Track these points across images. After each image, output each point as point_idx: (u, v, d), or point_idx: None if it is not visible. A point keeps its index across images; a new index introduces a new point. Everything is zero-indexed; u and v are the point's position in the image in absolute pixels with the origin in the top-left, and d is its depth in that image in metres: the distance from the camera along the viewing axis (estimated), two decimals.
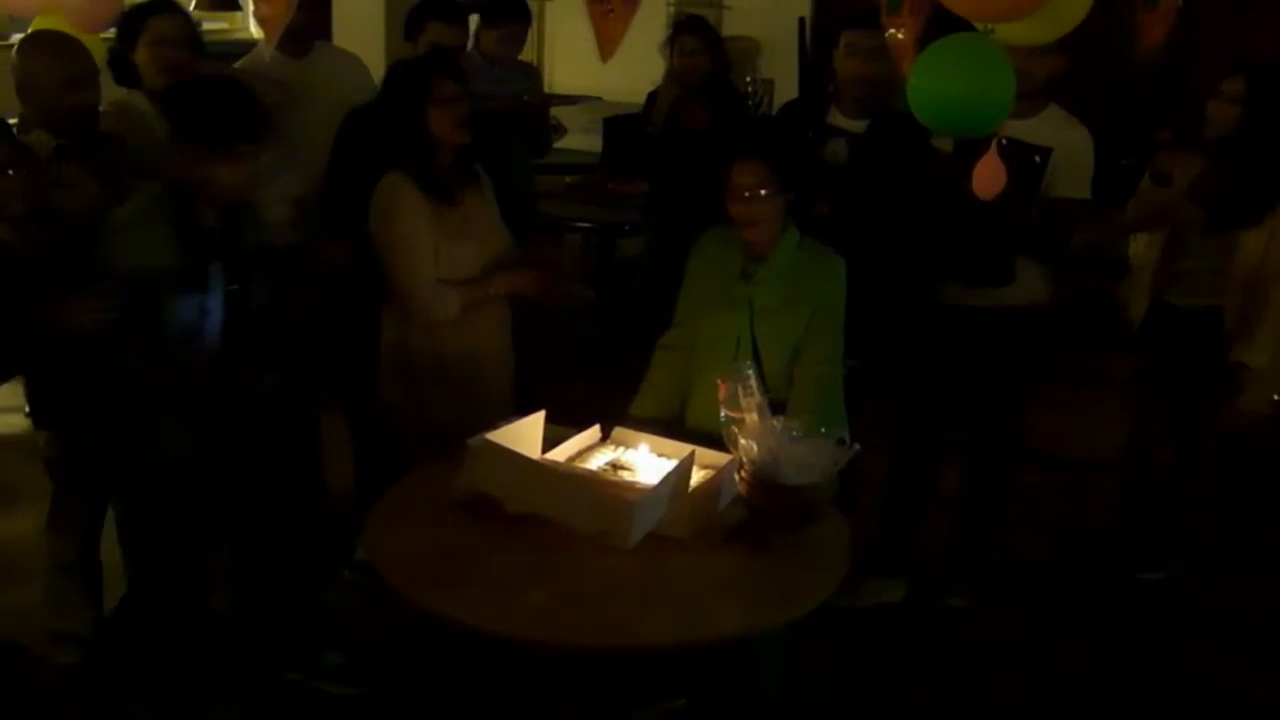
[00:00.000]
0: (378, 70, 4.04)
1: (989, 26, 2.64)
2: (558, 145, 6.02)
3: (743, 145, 3.02)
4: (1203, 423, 3.95)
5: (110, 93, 3.41)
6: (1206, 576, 4.00)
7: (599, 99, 7.21)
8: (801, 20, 7.14)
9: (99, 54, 3.37)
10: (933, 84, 2.64)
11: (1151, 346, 3.96)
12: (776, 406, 2.75)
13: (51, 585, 3.29)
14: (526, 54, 8.12)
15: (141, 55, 3.43)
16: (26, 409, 3.30)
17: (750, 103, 5.01)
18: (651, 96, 4.69)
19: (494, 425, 2.74)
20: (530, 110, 4.60)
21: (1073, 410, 5.22)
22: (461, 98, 3.20)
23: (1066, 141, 3.42)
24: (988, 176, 2.66)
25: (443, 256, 3.20)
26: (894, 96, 3.24)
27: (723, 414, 2.69)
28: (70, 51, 3.10)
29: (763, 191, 2.93)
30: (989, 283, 3.50)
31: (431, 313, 3.21)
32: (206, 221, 2.87)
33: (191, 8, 3.95)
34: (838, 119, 3.66)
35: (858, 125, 3.63)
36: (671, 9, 7.23)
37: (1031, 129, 3.31)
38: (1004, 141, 2.71)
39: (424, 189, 3.17)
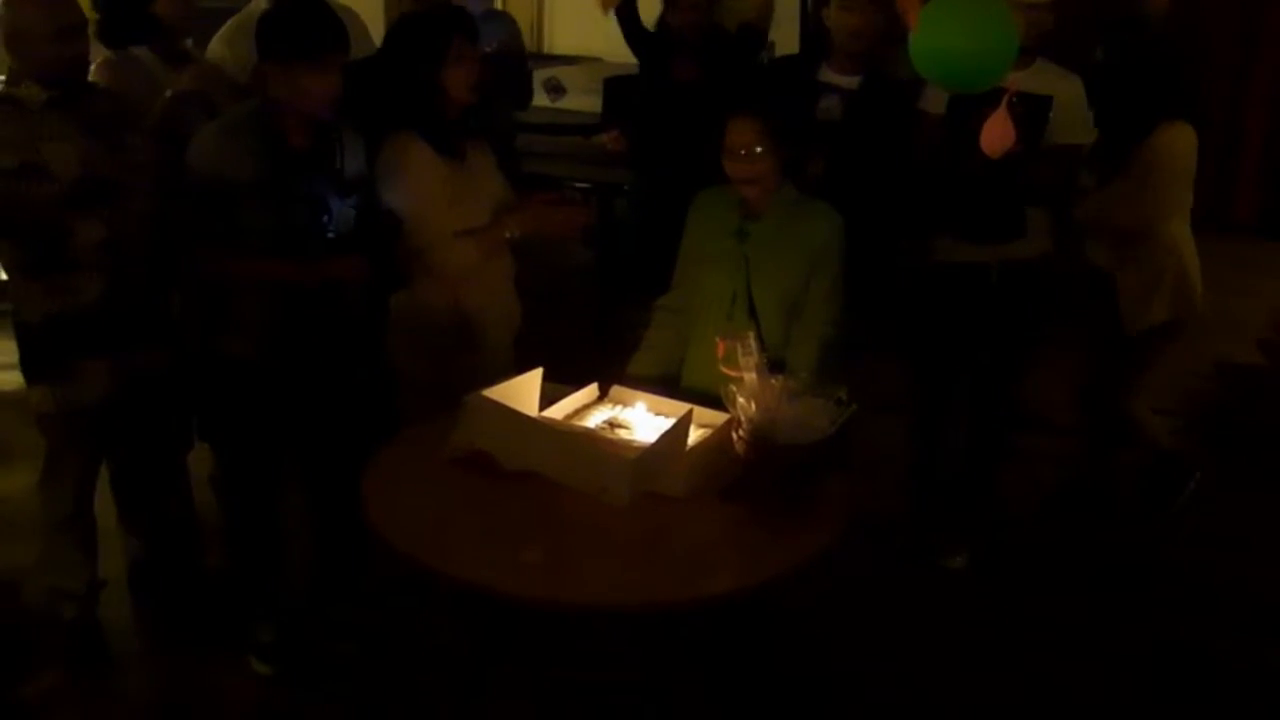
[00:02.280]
0: (375, 27, 4.00)
1: None
2: (558, 105, 5.99)
3: (738, 103, 2.99)
4: (1114, 388, 4.11)
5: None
6: (1205, 547, 4.00)
7: (598, 60, 7.15)
8: None
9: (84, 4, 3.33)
10: (935, 39, 2.61)
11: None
12: (774, 366, 2.73)
13: (49, 542, 3.29)
14: (527, 14, 8.14)
15: (164, 4, 3.47)
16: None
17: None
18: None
19: (493, 381, 2.73)
20: (508, 62, 4.53)
21: (1062, 375, 5.21)
22: (476, 58, 3.17)
23: (1063, 91, 3.48)
24: (997, 134, 2.64)
25: (455, 211, 3.16)
26: (896, 54, 3.22)
27: (721, 371, 2.68)
28: (59, 1, 3.06)
29: (758, 149, 2.91)
30: (1001, 238, 3.53)
31: (451, 264, 3.16)
32: (296, 142, 2.98)
33: None
34: (830, 76, 3.64)
35: (851, 81, 3.61)
36: None
37: (1024, 81, 3.28)
38: (1014, 99, 2.69)
39: (434, 146, 3.13)
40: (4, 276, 3.16)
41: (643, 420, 2.81)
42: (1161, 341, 4.02)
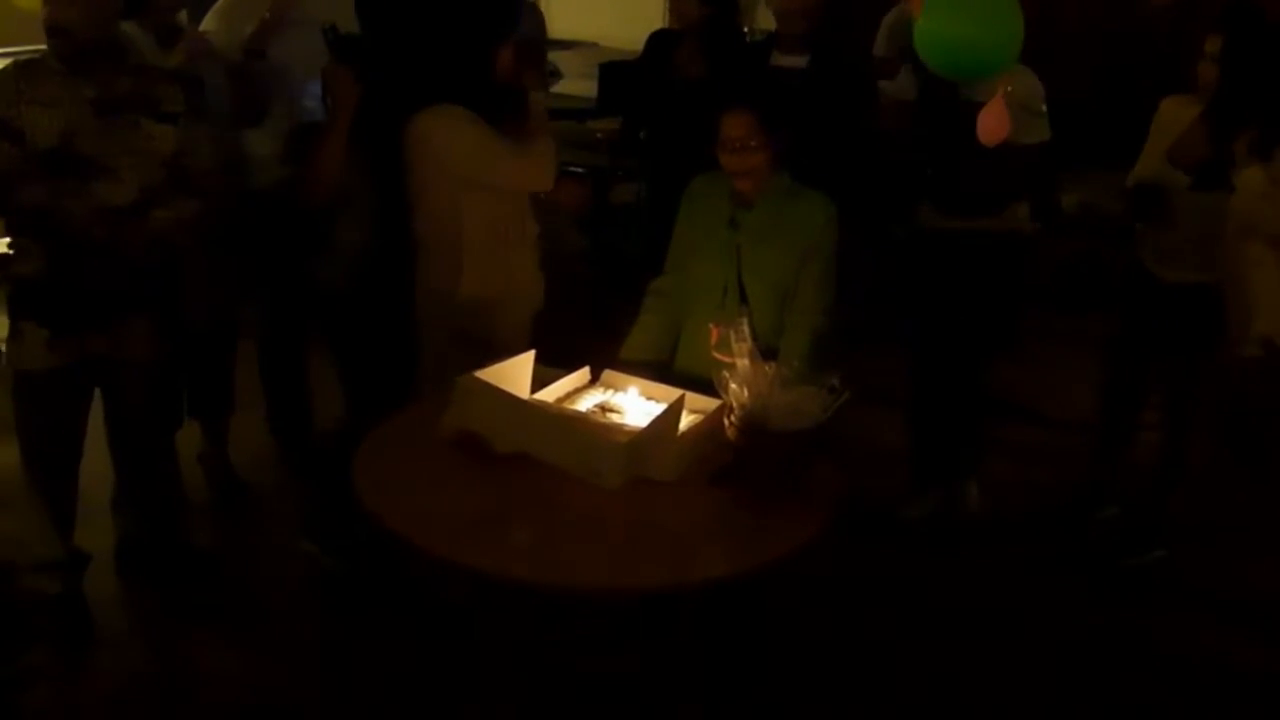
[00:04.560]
0: None
1: None
2: (554, 90, 5.96)
3: (731, 97, 2.99)
4: (1192, 403, 3.77)
5: None
6: (1204, 545, 3.99)
7: (595, 44, 7.14)
8: None
9: None
10: (941, 26, 2.61)
11: (1131, 316, 3.87)
12: (766, 354, 2.73)
13: (28, 512, 3.27)
14: None
15: None
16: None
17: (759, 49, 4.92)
18: (655, 38, 4.59)
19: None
20: (530, 46, 4.52)
21: (1059, 369, 5.22)
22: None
23: (1022, 85, 3.45)
24: (993, 123, 2.64)
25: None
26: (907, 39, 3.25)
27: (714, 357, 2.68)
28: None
29: (752, 143, 2.93)
30: (982, 213, 3.61)
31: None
32: None
33: None
34: (779, 59, 3.72)
35: (800, 61, 3.66)
36: None
37: None
38: (1009, 89, 2.69)
39: (485, 117, 3.10)
40: None
41: (634, 405, 2.81)
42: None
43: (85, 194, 2.97)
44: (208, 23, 3.94)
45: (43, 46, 3.00)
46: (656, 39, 4.48)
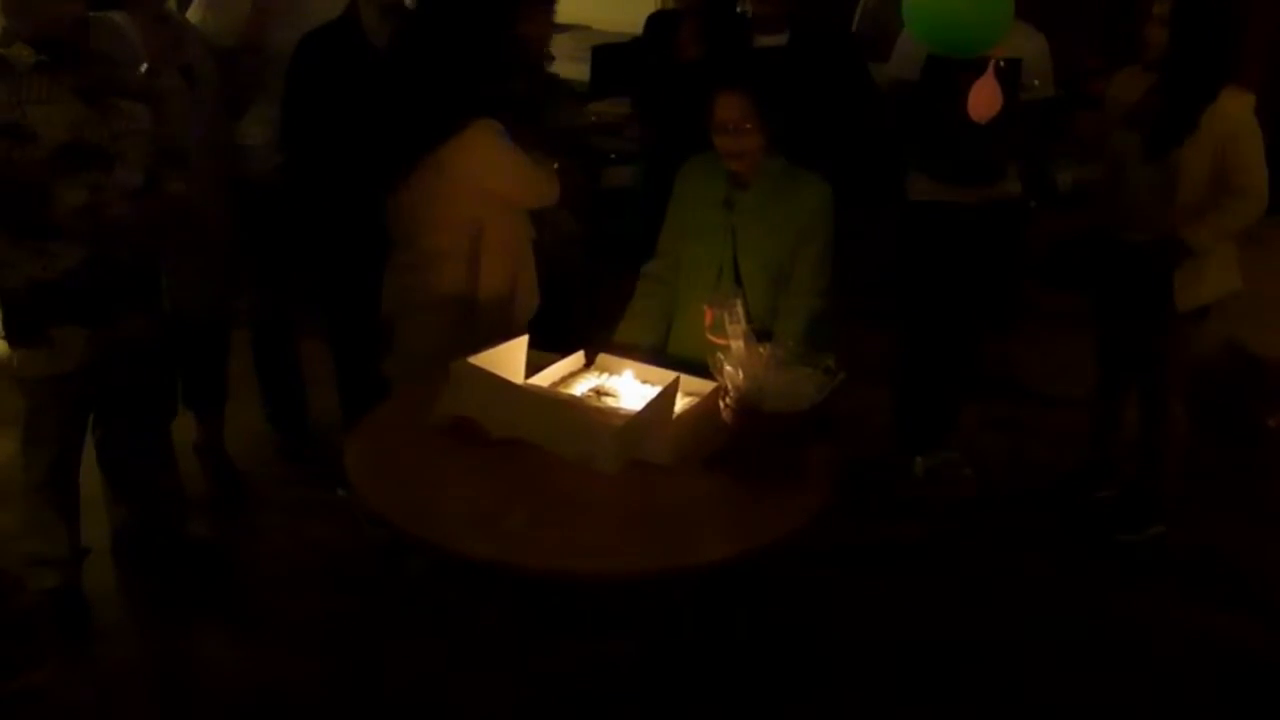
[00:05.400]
0: None
1: None
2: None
3: (725, 78, 2.97)
4: (1163, 362, 3.75)
5: None
6: (1186, 519, 3.96)
7: (587, 27, 7.09)
8: None
9: None
10: (930, 1, 2.59)
11: (1102, 284, 3.85)
12: (761, 336, 2.72)
13: (29, 506, 3.27)
14: None
15: None
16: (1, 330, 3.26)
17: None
18: (654, 19, 4.53)
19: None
20: None
21: (1054, 346, 5.21)
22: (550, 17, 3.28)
23: (1033, 49, 3.57)
24: (985, 99, 2.63)
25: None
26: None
27: (709, 339, 2.67)
28: None
29: (747, 125, 2.91)
30: (982, 181, 3.66)
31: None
32: None
33: None
34: (761, 40, 3.72)
35: (780, 39, 3.67)
36: None
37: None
38: (1001, 64, 2.68)
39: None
40: None
41: (629, 388, 2.80)
42: (1201, 321, 3.70)
43: (112, 182, 3.00)
44: (193, 11, 3.92)
45: None
46: (656, 20, 4.45)
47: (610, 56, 5.69)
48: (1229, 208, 3.45)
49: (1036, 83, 3.53)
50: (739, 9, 4.44)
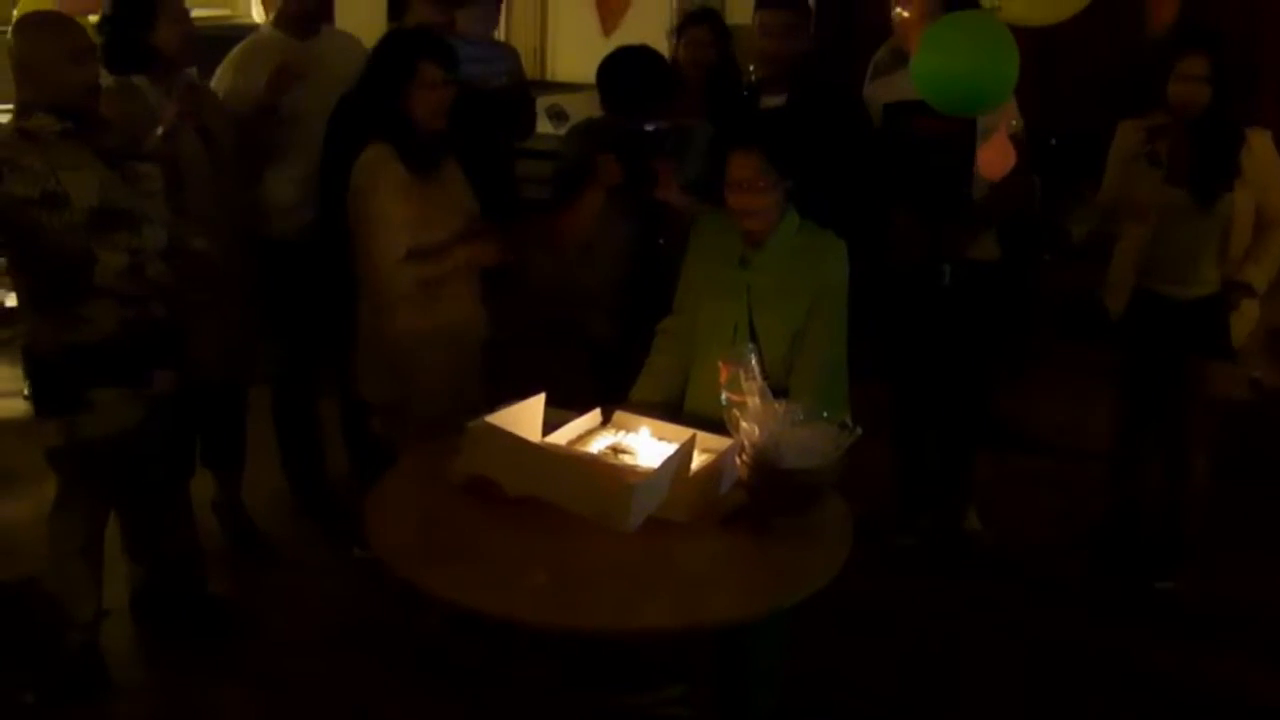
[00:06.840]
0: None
1: (995, 4, 2.63)
2: (561, 132, 5.96)
3: (739, 137, 3.00)
4: (1195, 417, 3.77)
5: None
6: (1208, 570, 3.93)
7: None
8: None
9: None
10: (937, 61, 2.62)
11: (1135, 339, 3.82)
12: (776, 393, 2.73)
13: (58, 573, 3.26)
14: (529, 41, 8.18)
15: (163, 34, 3.48)
16: (26, 392, 3.28)
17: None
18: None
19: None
20: (510, 93, 4.55)
21: (1072, 400, 5.20)
22: (446, 84, 3.22)
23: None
24: (997, 157, 2.65)
25: (421, 226, 3.21)
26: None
27: (724, 397, 2.67)
28: (68, 25, 3.09)
29: (760, 183, 2.91)
30: (952, 218, 3.60)
31: (388, 290, 3.22)
32: None
33: None
34: (766, 101, 3.74)
35: (780, 100, 3.70)
36: None
37: None
38: (1014, 123, 2.70)
39: (405, 160, 3.18)
40: (11, 303, 3.15)
41: (646, 446, 2.80)
42: (1232, 362, 3.76)
43: (142, 243, 3.05)
44: (219, 76, 3.98)
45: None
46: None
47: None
48: (1277, 240, 3.60)
49: (1015, 122, 3.50)
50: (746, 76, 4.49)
